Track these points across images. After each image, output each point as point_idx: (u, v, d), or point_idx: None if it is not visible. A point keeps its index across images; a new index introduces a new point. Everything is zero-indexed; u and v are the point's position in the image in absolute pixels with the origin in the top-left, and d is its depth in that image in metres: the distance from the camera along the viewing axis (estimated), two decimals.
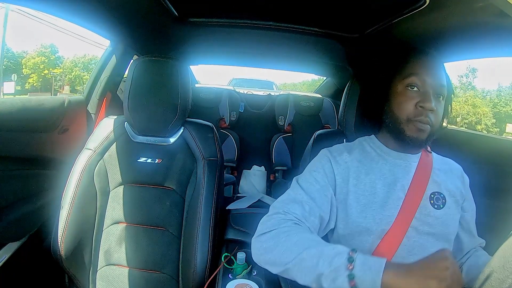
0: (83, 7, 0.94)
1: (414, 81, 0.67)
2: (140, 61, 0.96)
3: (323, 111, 2.33)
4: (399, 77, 0.69)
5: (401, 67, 0.69)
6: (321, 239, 0.58)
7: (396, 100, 0.69)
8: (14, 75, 22.72)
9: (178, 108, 0.95)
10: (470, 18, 0.75)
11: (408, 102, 0.67)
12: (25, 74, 26.17)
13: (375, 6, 0.99)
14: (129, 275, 0.94)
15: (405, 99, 0.67)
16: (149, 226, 0.96)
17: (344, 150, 0.75)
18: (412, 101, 0.67)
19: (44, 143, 1.07)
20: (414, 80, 0.67)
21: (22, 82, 25.92)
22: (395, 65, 0.71)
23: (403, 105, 0.67)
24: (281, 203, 0.68)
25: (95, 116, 1.34)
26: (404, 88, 0.68)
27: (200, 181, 0.95)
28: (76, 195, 0.91)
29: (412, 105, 0.66)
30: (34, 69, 26.00)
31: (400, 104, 0.68)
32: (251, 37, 1.48)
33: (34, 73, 26.07)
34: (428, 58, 0.69)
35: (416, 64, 0.68)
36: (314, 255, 0.53)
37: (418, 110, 0.66)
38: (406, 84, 0.67)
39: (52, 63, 27.38)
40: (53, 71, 26.97)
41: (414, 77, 0.67)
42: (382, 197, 0.68)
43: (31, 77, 26.16)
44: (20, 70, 25.95)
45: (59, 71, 27.12)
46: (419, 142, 0.67)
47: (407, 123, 0.67)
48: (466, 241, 0.75)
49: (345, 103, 0.94)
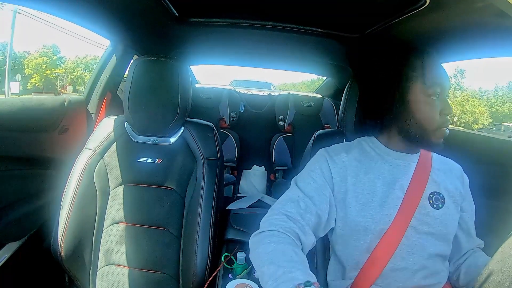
0: (83, 7, 0.94)
1: (437, 90, 0.66)
2: (140, 61, 0.96)
3: (323, 111, 2.33)
4: (423, 86, 0.66)
5: (422, 75, 0.66)
6: (297, 256, 0.56)
7: (422, 112, 0.67)
8: (18, 75, 23.15)
9: (178, 108, 0.95)
10: (471, 18, 0.75)
11: (435, 112, 0.66)
12: (27, 74, 26.59)
13: (375, 6, 0.99)
14: (129, 275, 0.94)
15: (430, 109, 0.66)
16: (149, 226, 0.96)
17: (342, 150, 0.75)
18: (437, 110, 0.66)
19: (44, 143, 1.07)
20: (437, 89, 0.66)
21: (24, 82, 26.29)
22: (405, 69, 0.68)
23: (431, 116, 0.66)
24: (278, 204, 0.69)
25: (95, 116, 1.34)
26: (429, 97, 0.66)
27: (200, 181, 0.95)
28: (76, 195, 0.91)
29: (437, 114, 0.66)
30: (36, 69, 26.42)
31: (427, 116, 0.66)
32: (252, 37, 1.48)
33: (36, 73, 26.49)
34: (438, 59, 0.69)
35: (437, 71, 0.67)
36: (271, 273, 0.53)
37: (443, 118, 0.66)
38: (430, 94, 0.66)
39: (54, 63, 27.74)
40: (56, 71, 27.21)
41: (438, 86, 0.66)
42: (381, 196, 0.68)
43: (33, 77, 26.57)
44: (22, 71, 26.24)
45: (62, 72, 27.37)
46: (440, 146, 0.68)
47: (434, 132, 0.67)
48: (464, 241, 0.75)
49: (345, 103, 0.94)
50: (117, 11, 1.04)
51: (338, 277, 0.73)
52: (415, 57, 0.68)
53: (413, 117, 0.67)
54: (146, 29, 1.29)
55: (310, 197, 0.68)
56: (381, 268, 0.66)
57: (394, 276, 0.67)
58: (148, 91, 0.94)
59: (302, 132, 2.23)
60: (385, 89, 0.70)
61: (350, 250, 0.70)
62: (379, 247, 0.66)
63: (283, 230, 0.62)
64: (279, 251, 0.57)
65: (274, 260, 0.55)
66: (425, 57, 0.68)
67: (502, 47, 0.85)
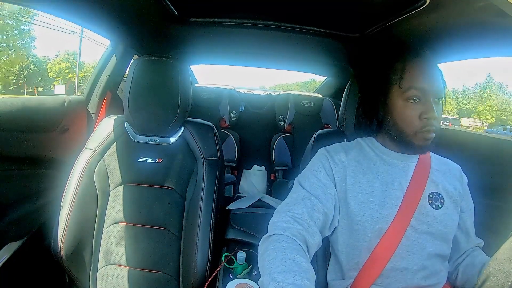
0: (83, 7, 0.94)
1: (414, 94, 0.65)
2: (140, 61, 0.95)
3: (324, 111, 2.33)
4: (398, 90, 0.67)
5: (400, 79, 0.67)
6: (296, 266, 0.53)
7: (399, 115, 0.67)
8: (60, 80, 27.14)
9: (178, 108, 0.95)
10: (471, 17, 0.75)
11: (412, 116, 0.66)
12: (50, 77, 29.85)
13: (375, 6, 0.99)
14: (129, 274, 0.94)
15: (408, 113, 0.66)
16: (150, 226, 0.96)
17: (341, 150, 0.75)
18: (416, 114, 0.66)
19: (45, 143, 1.07)
20: (414, 93, 0.65)
21: (48, 85, 29.45)
22: (390, 73, 0.69)
23: (408, 120, 0.66)
24: (285, 206, 0.68)
25: (96, 116, 1.34)
26: (406, 101, 0.66)
27: (201, 181, 0.95)
28: (77, 195, 0.91)
29: (416, 117, 0.66)
30: (58, 73, 29.72)
31: (405, 119, 0.67)
32: (252, 37, 1.48)
33: (59, 77, 29.69)
34: (422, 62, 0.67)
35: (414, 74, 0.66)
36: (263, 281, 0.52)
37: (423, 122, 0.65)
38: (406, 98, 0.66)
39: (75, 68, 29.83)
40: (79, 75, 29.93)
41: (413, 90, 0.65)
42: (380, 196, 0.68)
43: (56, 80, 29.96)
44: (46, 74, 29.47)
45: (82, 75, 29.86)
46: (426, 149, 0.68)
47: (414, 135, 0.67)
48: (463, 241, 0.75)
49: (345, 103, 0.94)
50: (117, 11, 1.04)
51: (338, 277, 0.74)
52: (398, 60, 0.68)
53: (392, 120, 0.69)
54: (146, 29, 1.29)
55: (316, 196, 0.68)
56: (381, 267, 0.66)
57: (394, 276, 0.67)
58: (148, 91, 0.94)
59: (302, 132, 2.23)
60: (373, 90, 0.72)
61: (350, 250, 0.70)
62: (379, 247, 0.66)
63: (289, 234, 0.61)
64: (279, 260, 0.55)
65: (275, 270, 0.53)
66: (408, 60, 0.67)
67: (502, 47, 0.85)
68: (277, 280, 0.50)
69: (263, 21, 1.30)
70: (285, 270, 0.52)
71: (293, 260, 0.54)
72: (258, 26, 1.33)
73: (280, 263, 0.54)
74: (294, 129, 2.29)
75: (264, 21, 1.30)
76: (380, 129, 0.74)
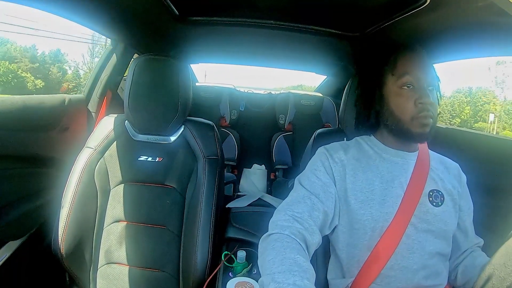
0: (83, 6, 0.94)
1: (408, 79, 0.67)
2: (141, 60, 0.95)
3: (324, 110, 2.32)
4: (392, 78, 0.69)
5: (393, 68, 0.69)
6: (296, 266, 0.53)
7: (395, 102, 0.69)
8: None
9: (179, 106, 0.95)
10: (472, 16, 0.75)
11: (408, 102, 0.67)
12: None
13: (376, 5, 0.99)
14: (129, 273, 0.95)
15: (404, 99, 0.68)
16: (150, 225, 0.96)
17: (340, 148, 0.75)
18: (411, 100, 0.67)
19: (45, 141, 1.07)
20: (408, 79, 0.67)
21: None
22: (384, 66, 0.71)
23: (403, 106, 0.68)
24: (285, 205, 0.69)
25: (96, 114, 1.34)
26: (400, 89, 0.68)
27: (201, 180, 0.95)
28: (77, 193, 0.91)
29: (412, 103, 0.67)
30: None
31: (400, 105, 0.68)
32: (252, 36, 1.48)
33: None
34: (416, 54, 0.70)
35: (406, 63, 0.69)
36: (263, 281, 0.52)
37: (418, 107, 0.66)
38: (401, 84, 0.68)
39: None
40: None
41: (407, 76, 0.67)
42: (380, 194, 0.68)
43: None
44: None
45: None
46: (425, 136, 0.68)
47: (411, 122, 0.67)
48: (462, 240, 0.75)
49: (346, 102, 0.94)
50: (117, 10, 1.04)
51: (339, 276, 0.74)
52: (390, 53, 0.71)
53: (388, 109, 0.70)
54: (147, 28, 1.29)
55: (316, 195, 0.68)
56: (382, 266, 0.66)
57: (394, 275, 0.67)
58: (149, 89, 0.94)
59: (302, 131, 2.23)
60: (369, 85, 0.74)
61: (351, 248, 0.70)
62: (379, 245, 0.66)
63: (289, 233, 0.61)
64: (278, 260, 0.55)
65: (275, 270, 0.52)
66: (401, 53, 0.70)
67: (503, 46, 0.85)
68: (277, 280, 0.50)
69: (263, 20, 1.30)
70: (285, 270, 0.52)
71: (293, 260, 0.54)
72: (258, 25, 1.33)
73: (280, 263, 0.54)
74: (295, 128, 2.29)
75: (264, 20, 1.30)
76: (378, 124, 0.74)
